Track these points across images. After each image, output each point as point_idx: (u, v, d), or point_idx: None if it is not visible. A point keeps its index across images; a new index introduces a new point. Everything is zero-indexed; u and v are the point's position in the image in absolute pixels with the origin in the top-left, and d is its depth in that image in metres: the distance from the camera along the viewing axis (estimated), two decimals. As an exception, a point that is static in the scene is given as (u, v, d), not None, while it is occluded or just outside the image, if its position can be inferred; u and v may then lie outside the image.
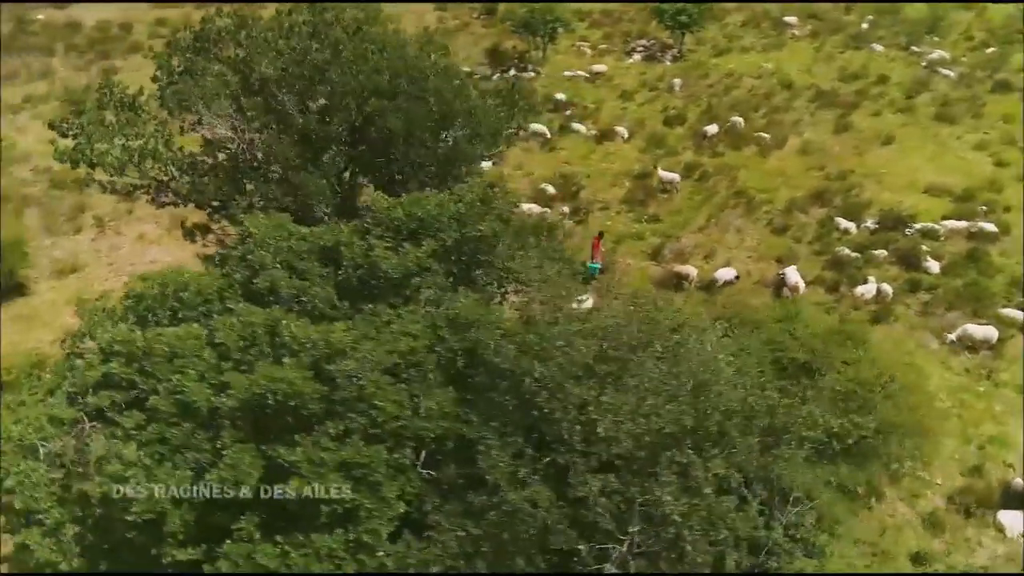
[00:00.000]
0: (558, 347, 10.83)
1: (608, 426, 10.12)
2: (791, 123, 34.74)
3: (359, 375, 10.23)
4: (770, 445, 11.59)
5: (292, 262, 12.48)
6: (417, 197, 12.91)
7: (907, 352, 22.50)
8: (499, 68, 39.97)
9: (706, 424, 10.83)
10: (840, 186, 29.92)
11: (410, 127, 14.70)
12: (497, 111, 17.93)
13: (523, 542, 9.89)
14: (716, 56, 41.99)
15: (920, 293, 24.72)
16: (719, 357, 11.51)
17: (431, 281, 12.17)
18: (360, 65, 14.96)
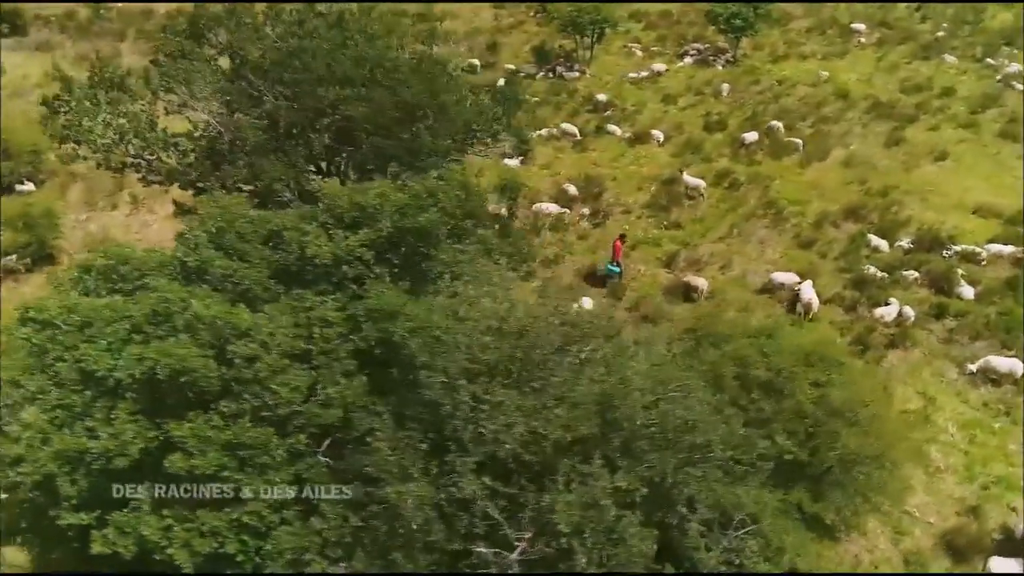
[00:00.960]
0: (457, 343, 10.62)
1: (498, 427, 9.85)
2: (839, 134, 33.28)
3: (258, 357, 10.29)
4: (688, 463, 11.04)
5: (233, 244, 12.65)
6: (363, 186, 12.90)
7: (921, 380, 21.20)
8: (544, 67, 39.73)
9: (611, 436, 10.40)
10: (879, 202, 28.44)
11: (375, 116, 14.71)
12: (480, 108, 17.74)
13: (400, 538, 9.74)
14: (772, 62, 40.69)
15: (947, 319, 23.21)
16: (635, 369, 10.99)
17: (360, 270, 12.12)
18: (334, 54, 15.07)
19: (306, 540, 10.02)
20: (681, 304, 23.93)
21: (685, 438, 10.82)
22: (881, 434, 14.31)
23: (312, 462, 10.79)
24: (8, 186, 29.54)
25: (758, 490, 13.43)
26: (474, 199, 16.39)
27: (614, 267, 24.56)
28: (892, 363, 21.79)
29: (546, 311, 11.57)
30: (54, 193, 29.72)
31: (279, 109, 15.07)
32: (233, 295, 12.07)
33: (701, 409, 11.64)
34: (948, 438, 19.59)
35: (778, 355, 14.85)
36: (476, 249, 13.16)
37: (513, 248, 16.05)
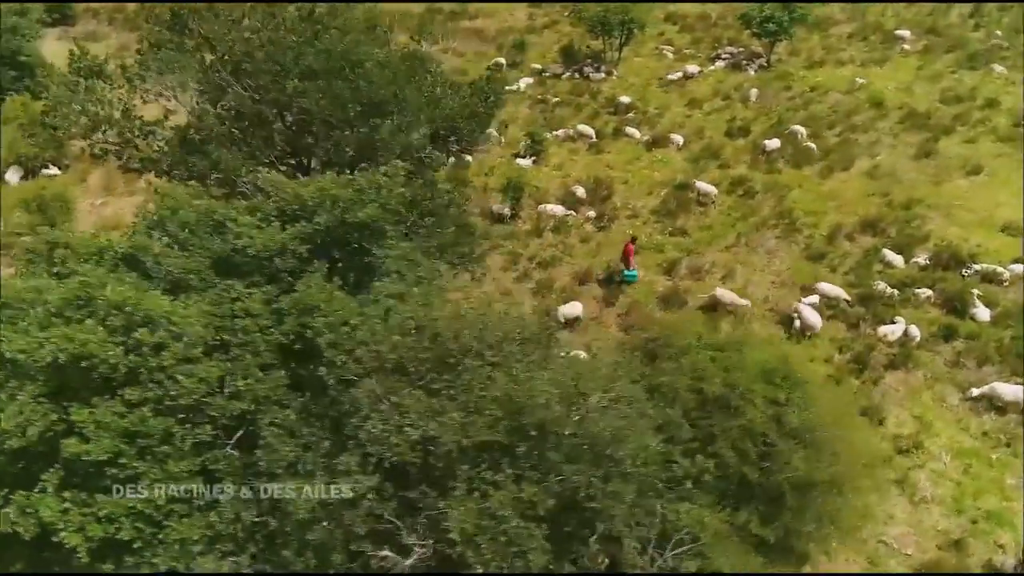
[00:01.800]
0: (359, 340, 10.40)
1: (388, 427, 9.60)
2: (867, 144, 31.97)
3: (165, 345, 10.27)
4: (605, 477, 10.59)
5: (175, 232, 12.72)
6: (307, 180, 12.82)
7: (919, 404, 20.17)
8: (571, 67, 39.28)
9: (517, 444, 10.04)
10: (900, 215, 27.21)
11: (334, 110, 14.60)
12: (463, 104, 17.48)
13: (287, 535, 9.59)
14: (807, 68, 39.35)
15: (956, 341, 22.03)
16: (548, 377, 10.54)
17: (292, 263, 12.03)
18: (300, 47, 15.04)
19: (197, 532, 9.94)
20: (676, 312, 23.30)
21: (600, 452, 10.36)
22: (840, 459, 13.56)
23: (220, 455, 10.72)
24: (34, 169, 30.61)
25: (700, 509, 12.93)
26: (441, 196, 16.23)
27: (631, 273, 24.01)
28: (890, 384, 20.82)
29: (472, 313, 11.22)
30: (76, 177, 30.64)
31: (242, 100, 15.12)
32: (166, 283, 12.10)
33: (624, 423, 11.17)
34: (940, 466, 18.59)
35: (738, 370, 14.23)
36: (410, 247, 12.90)
37: (466, 248, 15.68)
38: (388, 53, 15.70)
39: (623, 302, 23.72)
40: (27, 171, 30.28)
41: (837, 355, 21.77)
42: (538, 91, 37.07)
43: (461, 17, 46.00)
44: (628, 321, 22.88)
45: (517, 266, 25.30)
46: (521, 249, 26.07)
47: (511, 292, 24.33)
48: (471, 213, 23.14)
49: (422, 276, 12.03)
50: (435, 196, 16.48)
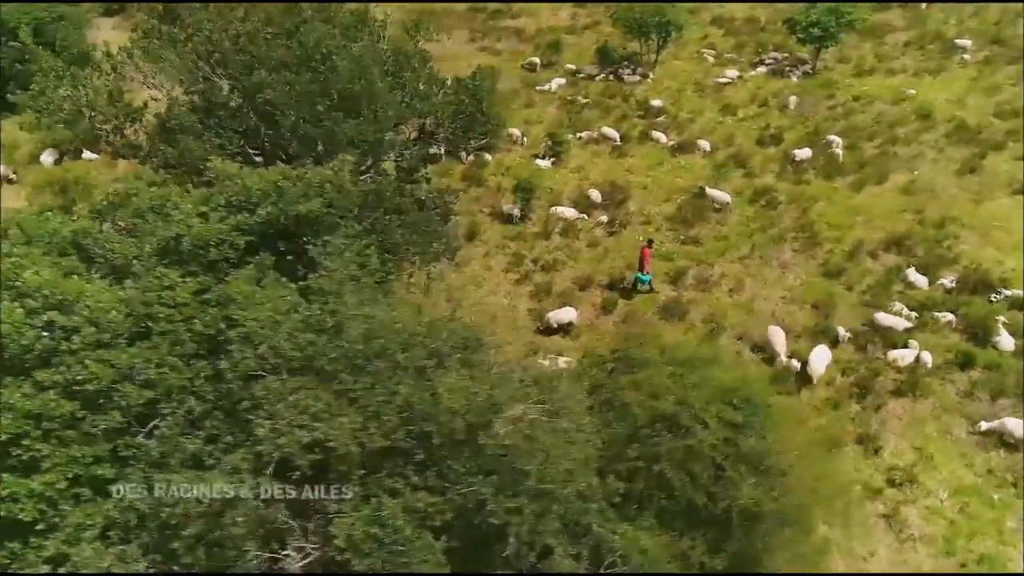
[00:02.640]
0: (256, 335, 10.19)
1: (279, 427, 9.37)
2: (908, 157, 30.39)
3: (77, 329, 10.28)
4: (512, 492, 10.13)
5: (125, 218, 12.82)
6: (254, 171, 12.73)
7: (921, 435, 18.95)
8: (606, 69, 38.59)
9: (415, 452, 9.68)
10: (931, 234, 25.73)
11: (300, 103, 14.46)
12: (450, 101, 17.15)
13: (175, 528, 9.45)
14: (855, 76, 37.75)
15: (973, 371, 20.64)
16: (451, 384, 10.08)
17: (228, 253, 11.94)
18: (274, 39, 14.97)
19: (90, 519, 9.92)
20: (674, 323, 22.53)
21: (507, 465, 9.92)
22: (793, 490, 12.74)
23: (132, 442, 10.68)
24: (71, 153, 31.63)
25: (637, 531, 12.34)
26: (410, 195, 15.96)
27: (644, 276, 23.37)
28: (893, 412, 19.62)
29: (397, 316, 10.86)
30: (107, 162, 31.52)
31: (213, 89, 15.16)
32: (107, 268, 12.18)
33: (549, 437, 10.68)
34: (935, 503, 17.40)
35: (697, 389, 13.54)
36: (347, 244, 12.64)
37: (422, 248, 15.33)
38: (364, 48, 15.47)
39: (621, 309, 23.04)
40: (63, 155, 31.30)
41: (840, 377, 20.66)
42: (569, 92, 36.51)
43: (503, 16, 45.76)
44: (624, 329, 22.18)
45: (520, 268, 24.87)
46: (526, 251, 25.64)
47: (510, 294, 23.93)
48: (457, 213, 22.75)
49: (356, 275, 11.74)
50: (404, 194, 16.19)
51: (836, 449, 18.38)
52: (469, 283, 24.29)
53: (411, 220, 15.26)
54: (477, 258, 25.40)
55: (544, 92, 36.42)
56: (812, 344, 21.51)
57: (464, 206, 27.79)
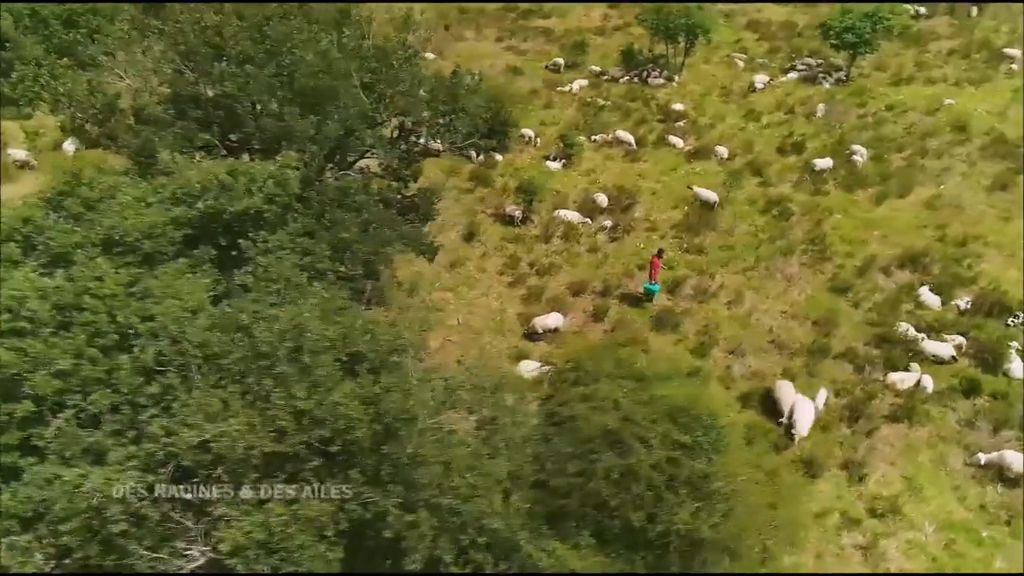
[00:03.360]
0: (171, 331, 10.00)
1: (171, 425, 9.18)
2: (937, 170, 29.03)
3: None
4: (411, 506, 9.75)
5: (71, 207, 12.87)
6: (198, 164, 12.63)
7: (913, 464, 17.92)
8: (630, 71, 37.87)
9: (310, 457, 9.38)
10: (950, 252, 24.45)
11: (258, 96, 14.30)
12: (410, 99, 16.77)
13: (65, 521, 9.33)
14: (892, 84, 36.29)
15: (978, 399, 19.48)
16: (349, 390, 9.70)
17: (161, 245, 11.85)
18: (240, 32, 14.86)
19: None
20: (666, 333, 21.82)
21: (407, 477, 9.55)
22: (737, 517, 12.06)
23: (43, 432, 10.63)
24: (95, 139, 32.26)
25: (567, 550, 11.86)
26: (373, 194, 15.69)
27: (652, 286, 22.67)
28: (886, 438, 18.60)
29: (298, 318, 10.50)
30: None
31: (179, 81, 15.14)
32: (47, 257, 12.22)
33: (464, 450, 10.28)
34: (919, 537, 16.40)
35: (646, 406, 12.94)
36: (285, 240, 12.41)
37: (373, 245, 14.99)
38: (332, 44, 15.22)
39: (612, 317, 22.41)
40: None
41: (832, 398, 19.69)
42: (591, 94, 35.90)
43: (534, 16, 45.34)
44: (613, 337, 21.57)
45: (515, 271, 24.42)
46: (524, 254, 25.18)
47: (501, 296, 23.51)
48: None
49: (288, 275, 11.49)
50: (365, 192, 15.90)
51: (816, 474, 17.52)
52: (462, 284, 23.96)
53: (365, 219, 14.95)
54: (473, 259, 25.04)
55: (565, 93, 35.90)
56: (808, 362, 20.64)
57: (467, 206, 27.58)
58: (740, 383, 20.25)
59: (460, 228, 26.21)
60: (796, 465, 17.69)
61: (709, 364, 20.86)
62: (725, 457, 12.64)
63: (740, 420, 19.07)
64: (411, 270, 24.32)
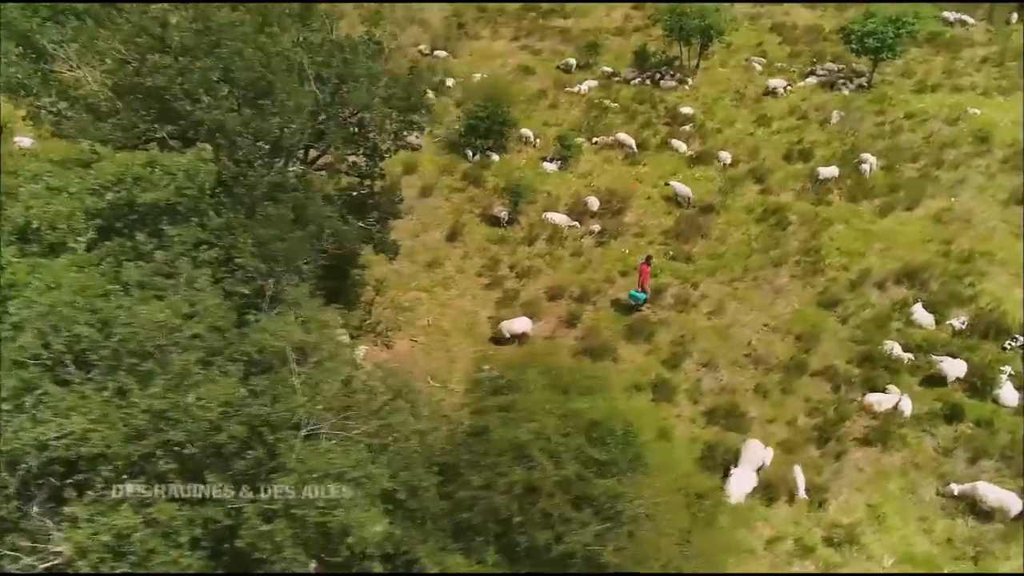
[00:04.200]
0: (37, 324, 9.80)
1: (18, 422, 8.96)
2: (951, 182, 27.64)
3: None
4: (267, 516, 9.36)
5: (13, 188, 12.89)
6: (115, 155, 12.50)
7: (880, 491, 16.94)
8: (642, 73, 37.02)
9: (163, 457, 9.09)
10: (952, 269, 23.18)
11: (193, 89, 14.07)
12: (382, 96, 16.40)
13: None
14: (916, 92, 34.69)
15: (961, 424, 18.36)
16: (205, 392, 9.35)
17: (64, 235, 11.72)
18: (180, 23, 14.68)
19: None
20: (638, 343, 21.12)
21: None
22: (651, 541, 11.40)
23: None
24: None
25: (473, 565, 11.40)
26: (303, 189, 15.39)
27: (639, 294, 21.96)
28: (856, 462, 17.68)
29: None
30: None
31: (120, 72, 15.04)
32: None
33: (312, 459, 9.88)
34: (875, 569, 15.45)
35: (562, 418, 12.37)
36: (187, 236, 12.14)
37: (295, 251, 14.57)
38: (276, 38, 14.95)
39: (585, 324, 21.78)
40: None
41: (803, 417, 18.79)
42: (600, 95, 35.16)
43: (555, 15, 44.71)
44: (584, 345, 20.96)
45: (494, 272, 23.94)
46: (506, 256, 24.69)
47: (476, 298, 23.06)
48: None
49: (175, 268, 11.23)
50: (305, 187, 15.59)
51: (774, 497, 16.69)
52: (438, 285, 23.58)
53: (299, 216, 14.62)
54: (454, 259, 24.65)
55: (573, 94, 35.24)
56: (784, 379, 19.76)
57: (456, 205, 27.21)
58: (708, 397, 19.49)
59: (445, 228, 25.85)
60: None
61: (679, 376, 20.16)
62: (643, 477, 11.99)
63: (703, 436, 18.46)
64: (389, 268, 24.12)
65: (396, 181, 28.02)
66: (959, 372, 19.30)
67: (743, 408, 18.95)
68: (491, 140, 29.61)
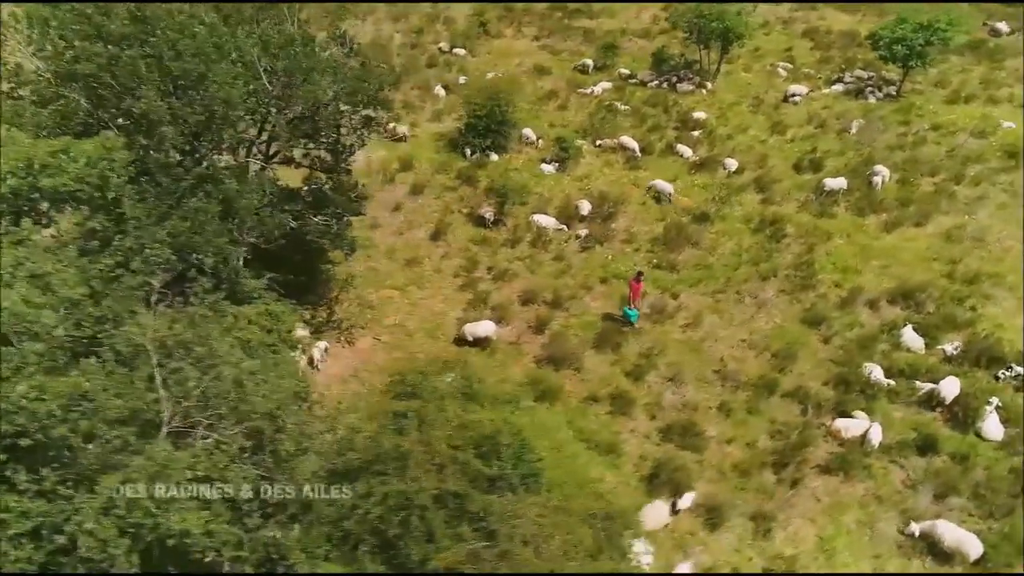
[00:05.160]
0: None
1: None
2: (969, 199, 26.03)
3: None
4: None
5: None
6: (26, 141, 12.52)
7: (833, 523, 15.88)
8: (659, 76, 36.07)
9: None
10: (954, 290, 21.76)
11: (123, 77, 13.97)
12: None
13: None
14: (947, 103, 32.93)
15: (935, 457, 17.11)
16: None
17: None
18: (113, 10, 14.62)
19: None
20: (605, 353, 20.39)
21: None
22: (519, 561, 10.78)
23: None
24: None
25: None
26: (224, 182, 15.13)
27: (632, 311, 21.04)
28: (814, 491, 16.62)
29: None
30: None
31: (57, 60, 15.07)
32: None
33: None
34: (814, 607, 14.46)
35: (458, 429, 11.87)
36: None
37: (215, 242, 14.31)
38: (213, 26, 14.77)
39: (553, 330, 21.12)
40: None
41: (765, 439, 17.81)
42: (613, 97, 34.37)
43: (581, 15, 44.06)
44: (549, 352, 20.34)
45: (471, 274, 23.48)
46: (487, 257, 24.20)
47: (447, 299, 22.63)
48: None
49: (59, 256, 11.10)
50: (238, 179, 15.37)
51: (718, 522, 15.82)
52: (413, 283, 23.25)
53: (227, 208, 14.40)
54: (434, 258, 24.29)
55: (585, 95, 34.54)
56: (751, 398, 18.80)
57: (446, 204, 26.85)
58: (668, 413, 18.65)
59: (430, 226, 25.53)
60: (696, 511, 16.08)
61: (641, 389, 19.37)
62: (532, 495, 11.39)
63: (654, 453, 17.65)
64: (368, 265, 23.93)
65: (391, 176, 28.02)
66: (948, 396, 18.03)
67: (702, 426, 18.07)
68: (490, 139, 29.16)
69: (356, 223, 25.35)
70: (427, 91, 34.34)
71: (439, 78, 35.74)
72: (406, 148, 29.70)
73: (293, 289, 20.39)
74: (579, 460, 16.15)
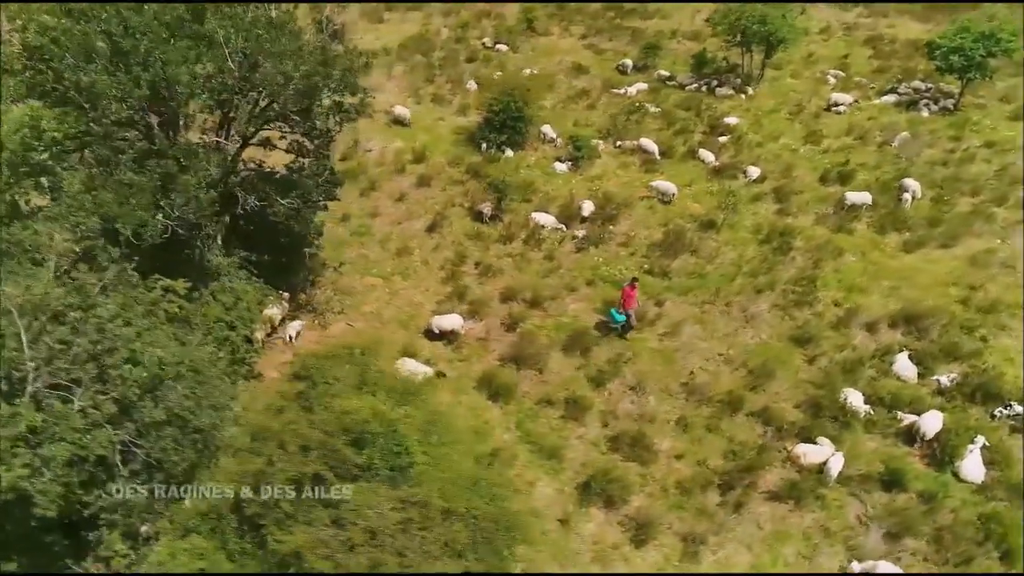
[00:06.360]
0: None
1: None
2: (1009, 222, 24.03)
3: None
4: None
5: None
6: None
7: (773, 553, 14.85)
8: (698, 79, 34.87)
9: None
10: (965, 318, 20.04)
11: (74, 52, 14.31)
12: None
13: None
14: (1010, 119, 30.52)
15: (900, 494, 15.77)
16: None
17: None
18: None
19: None
20: (572, 356, 19.76)
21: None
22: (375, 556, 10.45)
23: None
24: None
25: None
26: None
27: (619, 315, 20.43)
28: (757, 517, 15.59)
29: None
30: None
31: (22, 33, 15.58)
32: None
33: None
34: (727, 641, 13.52)
35: (336, 415, 11.66)
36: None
37: None
38: (168, 8, 14.99)
39: (525, 331, 20.60)
40: None
41: (718, 459, 16.83)
42: (647, 98, 33.40)
43: (634, 16, 43.10)
44: (515, 351, 19.87)
45: (458, 267, 23.21)
46: (478, 252, 23.89)
47: (427, 291, 22.44)
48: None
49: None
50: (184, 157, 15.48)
51: (645, 539, 15.03)
52: (398, 273, 23.18)
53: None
54: (425, 250, 24.14)
55: (618, 95, 33.70)
56: (714, 415, 17.82)
57: (450, 197, 26.65)
58: (622, 422, 17.88)
59: (428, 218, 25.42)
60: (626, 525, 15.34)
61: (600, 396, 18.66)
62: (389, 488, 11.03)
63: (597, 462, 16.94)
64: (359, 252, 24.05)
65: (402, 167, 28.06)
66: (929, 432, 16.63)
67: (653, 439, 17.23)
68: (506, 135, 28.81)
69: (356, 211, 25.72)
70: (459, 84, 34.27)
71: (475, 73, 35.60)
72: (424, 140, 29.66)
73: (276, 270, 20.75)
74: (477, 457, 15.54)
